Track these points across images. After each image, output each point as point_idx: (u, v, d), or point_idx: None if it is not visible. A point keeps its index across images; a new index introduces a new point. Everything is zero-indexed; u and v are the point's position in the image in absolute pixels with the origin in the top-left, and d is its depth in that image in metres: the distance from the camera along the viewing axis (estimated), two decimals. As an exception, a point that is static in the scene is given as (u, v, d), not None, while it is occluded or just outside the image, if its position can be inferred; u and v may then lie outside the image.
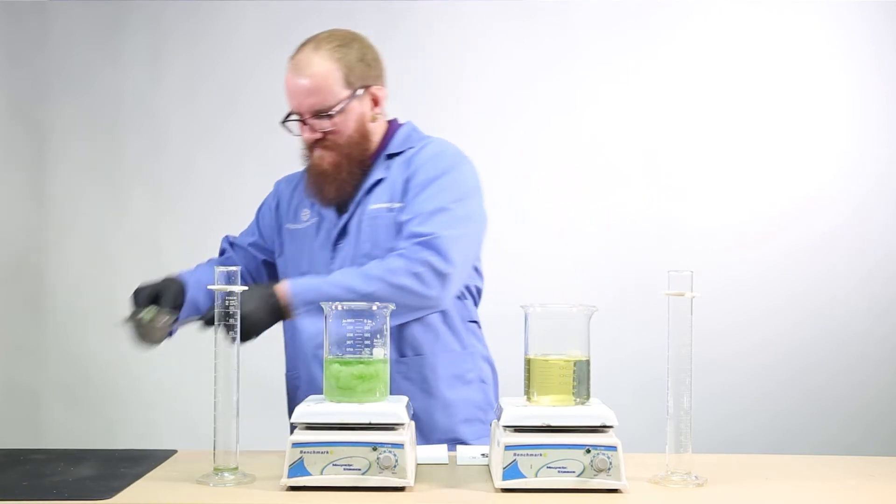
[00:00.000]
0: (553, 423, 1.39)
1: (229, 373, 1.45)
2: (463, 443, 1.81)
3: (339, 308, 1.47)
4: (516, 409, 1.42)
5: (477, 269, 1.98)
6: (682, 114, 3.23)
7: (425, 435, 1.81)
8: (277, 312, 1.71)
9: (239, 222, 2.11)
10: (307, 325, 1.70)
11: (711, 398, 2.88)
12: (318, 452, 1.37)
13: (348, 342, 1.45)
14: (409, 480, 1.37)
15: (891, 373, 3.20)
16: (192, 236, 3.18)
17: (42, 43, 3.23)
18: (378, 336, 1.46)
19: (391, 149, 1.89)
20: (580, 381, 1.44)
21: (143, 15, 3.24)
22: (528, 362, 1.46)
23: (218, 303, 1.44)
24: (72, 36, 3.23)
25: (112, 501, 1.31)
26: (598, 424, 1.39)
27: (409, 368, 1.84)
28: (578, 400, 1.44)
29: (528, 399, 1.46)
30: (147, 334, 1.70)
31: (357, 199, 1.87)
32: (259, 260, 2.01)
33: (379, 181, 1.86)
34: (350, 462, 1.36)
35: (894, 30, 3.22)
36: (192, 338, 3.09)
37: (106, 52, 3.24)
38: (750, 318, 3.18)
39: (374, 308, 1.47)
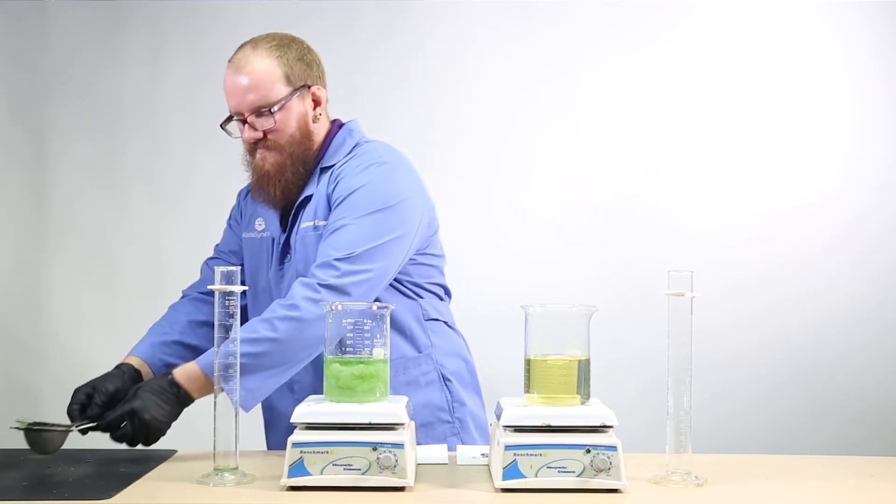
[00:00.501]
0: (553, 423, 1.39)
1: (229, 373, 1.45)
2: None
3: (339, 308, 1.47)
4: (516, 409, 1.42)
5: (435, 266, 1.94)
6: (682, 114, 3.22)
7: None
8: (185, 399, 1.63)
9: (239, 222, 2.12)
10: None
11: (711, 398, 2.88)
12: (318, 452, 1.37)
13: (348, 342, 1.45)
14: (409, 480, 1.37)
15: (891, 373, 3.20)
16: (192, 236, 3.17)
17: (42, 43, 3.23)
18: (378, 336, 1.46)
19: (325, 161, 1.85)
20: (580, 381, 1.44)
21: (143, 15, 3.24)
22: (528, 362, 1.47)
23: (218, 303, 1.44)
24: (72, 36, 3.23)
25: (112, 501, 1.31)
26: (598, 424, 1.39)
27: None
28: (578, 400, 1.44)
29: (528, 399, 1.46)
30: (34, 444, 1.58)
31: (292, 215, 1.85)
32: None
33: (308, 197, 1.83)
34: (350, 462, 1.36)
35: (894, 30, 3.22)
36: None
37: (106, 53, 3.23)
38: (750, 319, 3.18)
39: (375, 308, 1.48)
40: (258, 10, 3.23)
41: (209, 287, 1.46)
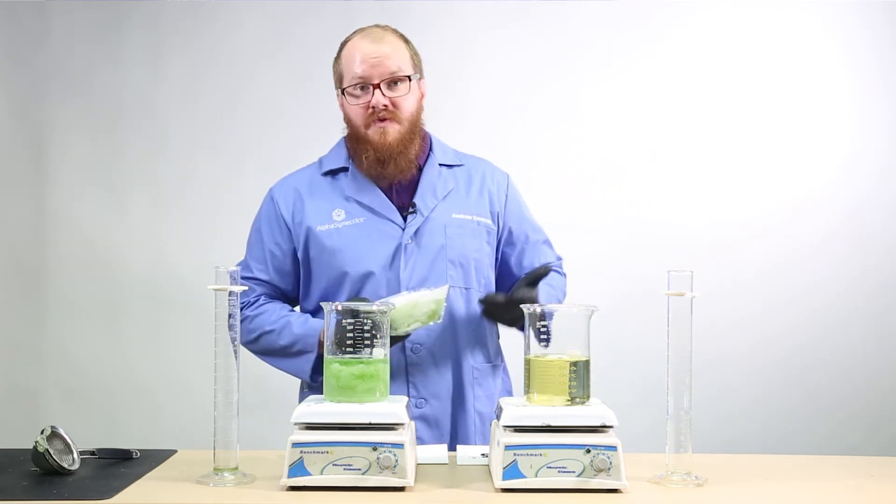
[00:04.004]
0: (553, 423, 1.39)
1: (229, 373, 1.44)
2: None
3: (339, 308, 1.47)
4: (516, 409, 1.42)
5: None
6: (681, 114, 3.22)
7: None
8: None
9: (239, 223, 2.09)
10: None
11: (711, 398, 2.88)
12: (318, 452, 1.37)
13: (348, 342, 1.45)
14: (409, 480, 1.37)
15: (891, 373, 3.20)
16: (192, 236, 3.17)
17: (42, 42, 3.23)
18: (378, 336, 1.46)
19: (442, 158, 1.96)
20: (580, 381, 1.44)
21: (142, 14, 3.23)
22: (528, 362, 1.46)
23: (218, 303, 1.44)
24: (71, 35, 3.23)
25: (112, 501, 1.32)
26: (598, 424, 1.39)
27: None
28: (578, 400, 1.44)
29: (528, 399, 1.46)
30: (39, 466, 1.49)
31: (427, 202, 1.89)
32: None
33: (451, 190, 1.93)
34: (350, 462, 1.36)
35: (894, 30, 3.22)
36: (191, 337, 3.09)
37: (106, 52, 3.23)
38: (750, 318, 3.18)
39: (375, 308, 1.47)
40: (258, 10, 3.23)
41: (209, 287, 1.45)
